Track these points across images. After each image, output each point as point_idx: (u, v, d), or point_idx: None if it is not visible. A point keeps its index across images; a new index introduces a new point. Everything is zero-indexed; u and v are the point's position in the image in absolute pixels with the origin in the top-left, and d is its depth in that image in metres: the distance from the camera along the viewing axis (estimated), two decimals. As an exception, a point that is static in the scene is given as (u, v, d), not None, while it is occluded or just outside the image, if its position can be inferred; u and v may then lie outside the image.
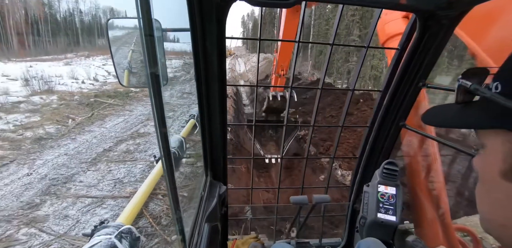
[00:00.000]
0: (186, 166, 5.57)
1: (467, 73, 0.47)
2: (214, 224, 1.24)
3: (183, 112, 9.74)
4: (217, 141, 1.25)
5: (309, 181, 6.57)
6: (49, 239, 3.47)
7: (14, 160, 5.62)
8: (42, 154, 6.02)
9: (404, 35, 1.26)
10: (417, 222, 1.48)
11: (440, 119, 0.55)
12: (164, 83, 0.77)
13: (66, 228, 3.69)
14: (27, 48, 41.02)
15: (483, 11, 1.18)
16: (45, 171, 5.24)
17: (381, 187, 1.45)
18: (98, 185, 4.82)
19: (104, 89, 14.50)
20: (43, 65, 19.83)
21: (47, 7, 51.79)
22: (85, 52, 37.20)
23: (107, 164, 5.67)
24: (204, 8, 0.90)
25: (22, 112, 9.20)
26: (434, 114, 0.55)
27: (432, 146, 1.47)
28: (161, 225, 3.85)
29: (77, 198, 4.39)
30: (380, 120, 1.43)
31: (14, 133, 7.19)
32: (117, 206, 4.22)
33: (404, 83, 1.31)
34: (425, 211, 1.43)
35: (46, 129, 7.64)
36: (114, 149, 6.51)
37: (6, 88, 12.18)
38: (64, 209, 4.10)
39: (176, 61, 19.06)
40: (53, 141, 6.89)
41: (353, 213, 1.71)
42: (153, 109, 0.64)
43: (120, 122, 8.76)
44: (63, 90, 13.25)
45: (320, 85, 1.46)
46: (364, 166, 1.58)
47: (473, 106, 0.44)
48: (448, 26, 1.09)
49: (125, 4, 64.11)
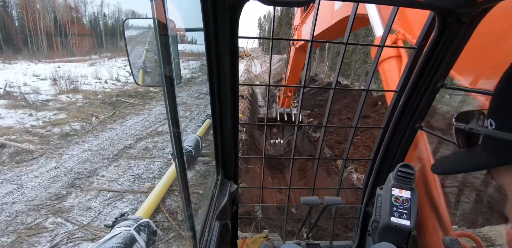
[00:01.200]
0: (202, 164, 5.68)
1: (459, 116, 0.49)
2: (224, 222, 1.26)
3: (199, 112, 9.94)
4: (229, 140, 1.26)
5: (324, 183, 6.46)
6: (74, 229, 3.68)
7: (43, 154, 6.01)
8: (68, 149, 6.38)
9: (422, 34, 1.22)
10: (419, 228, 1.44)
11: (450, 167, 0.55)
12: (178, 82, 0.79)
13: (89, 219, 3.89)
14: (55, 49, 43.56)
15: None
16: (70, 165, 5.55)
17: (395, 190, 1.41)
18: (119, 180, 5.03)
19: (125, 89, 15.11)
20: (70, 66, 21.04)
21: (74, 11, 54.74)
22: (108, 54, 38.97)
23: (127, 160, 5.91)
24: (217, 8, 0.91)
25: (51, 110, 9.80)
26: (443, 163, 0.57)
27: (425, 151, 1.43)
28: (177, 220, 3.95)
29: (99, 192, 4.61)
30: (395, 122, 1.39)
31: (43, 128, 7.67)
32: (136, 200, 4.39)
33: (421, 84, 1.27)
34: (427, 217, 1.39)
35: (72, 125, 8.09)
36: (134, 146, 6.77)
37: (36, 87, 13.04)
38: (87, 201, 4.32)
39: (194, 62, 19.46)
40: (78, 137, 7.28)
41: (365, 216, 1.68)
42: (166, 106, 0.67)
43: (140, 121, 9.09)
44: (87, 90, 13.96)
45: (333, 86, 1.44)
46: (377, 168, 1.54)
47: (477, 149, 0.45)
48: (468, 24, 1.04)
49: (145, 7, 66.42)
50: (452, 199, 3.51)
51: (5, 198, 4.32)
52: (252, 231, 3.77)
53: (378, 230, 1.43)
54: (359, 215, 1.72)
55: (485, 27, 1.04)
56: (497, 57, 1.10)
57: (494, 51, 1.14)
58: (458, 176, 3.56)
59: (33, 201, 4.26)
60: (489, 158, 0.41)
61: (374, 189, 1.55)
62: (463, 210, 3.43)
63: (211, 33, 0.95)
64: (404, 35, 1.82)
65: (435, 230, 1.32)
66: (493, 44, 1.14)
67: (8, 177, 4.98)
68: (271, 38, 1.25)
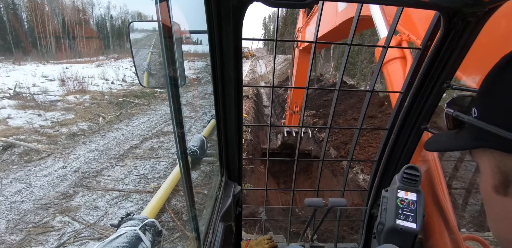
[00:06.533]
0: (207, 164, 5.71)
1: (451, 102, 0.56)
2: (228, 223, 1.26)
3: (205, 113, 9.99)
4: (233, 141, 1.26)
5: (329, 184, 6.43)
6: (80, 228, 3.74)
7: (51, 153, 6.12)
8: (76, 149, 6.49)
9: (427, 35, 1.20)
10: (424, 231, 1.42)
11: (439, 145, 0.64)
12: (182, 84, 0.80)
13: (96, 218, 3.95)
14: (63, 51, 44.35)
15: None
16: (78, 164, 5.64)
17: (400, 192, 1.39)
18: (125, 180, 5.09)
19: (132, 89, 15.29)
20: (77, 67, 21.38)
21: (82, 13, 55.66)
22: (115, 55, 39.49)
23: (133, 160, 5.97)
24: (221, 9, 0.92)
25: (59, 110, 9.98)
26: (434, 142, 0.65)
27: (431, 153, 1.41)
28: (182, 220, 3.98)
29: (105, 191, 4.67)
30: (401, 123, 1.37)
31: (51, 128, 7.82)
32: (142, 200, 4.43)
33: (427, 85, 1.25)
34: (433, 220, 1.37)
35: (80, 126, 8.23)
36: (140, 146, 6.85)
37: (45, 88, 13.30)
38: (94, 201, 4.39)
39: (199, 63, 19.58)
40: (85, 137, 7.40)
41: (370, 218, 1.66)
42: (171, 107, 0.67)
43: (146, 121, 9.19)
44: (94, 90, 14.16)
45: (338, 87, 1.44)
46: (383, 169, 1.53)
47: (463, 131, 0.52)
48: (474, 24, 1.02)
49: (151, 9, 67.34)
50: (460, 201, 3.46)
51: (14, 196, 4.42)
52: (256, 233, 3.77)
53: (383, 233, 1.41)
54: (364, 217, 1.70)
55: (491, 27, 1.03)
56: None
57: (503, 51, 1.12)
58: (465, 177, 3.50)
59: (41, 200, 4.35)
60: (470, 141, 0.46)
61: (379, 190, 1.53)
62: (471, 213, 3.37)
63: (215, 35, 0.95)
64: (408, 36, 1.80)
65: (442, 233, 1.30)
66: (501, 44, 1.12)
67: (17, 176, 5.09)
68: (275, 40, 1.25)
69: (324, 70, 29.01)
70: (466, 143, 0.49)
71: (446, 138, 0.58)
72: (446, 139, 0.57)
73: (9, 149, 6.12)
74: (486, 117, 0.41)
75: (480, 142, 0.43)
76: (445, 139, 0.58)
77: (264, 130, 9.88)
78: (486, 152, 0.42)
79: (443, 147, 0.62)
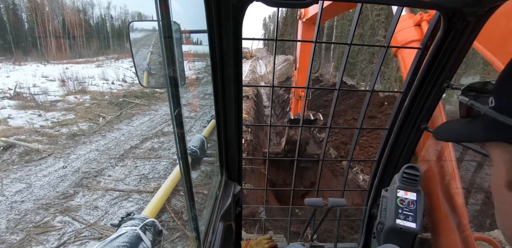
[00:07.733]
0: (208, 164, 5.71)
1: (467, 88, 0.51)
2: (228, 223, 1.26)
3: (205, 113, 9.99)
4: (233, 141, 1.26)
5: (329, 184, 6.43)
6: (81, 227, 3.74)
7: (51, 153, 6.12)
8: (76, 149, 6.50)
9: (427, 34, 1.20)
10: (434, 231, 1.41)
11: (449, 135, 0.59)
12: (182, 84, 0.80)
13: (96, 218, 3.95)
14: (64, 51, 44.39)
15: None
16: (78, 164, 5.65)
17: (400, 192, 1.39)
18: (125, 180, 5.09)
19: (132, 90, 15.30)
20: (78, 67, 21.39)
21: (82, 13, 55.70)
22: (115, 55, 39.52)
23: (134, 160, 5.98)
24: (221, 9, 0.92)
25: (59, 110, 9.98)
26: (444, 131, 0.60)
27: (447, 150, 1.39)
28: (182, 220, 3.98)
29: (106, 191, 4.68)
30: (401, 123, 1.38)
31: (51, 129, 7.82)
32: (142, 200, 4.44)
33: (427, 84, 1.25)
34: (443, 219, 1.35)
35: (80, 126, 8.23)
36: (140, 146, 6.85)
37: (45, 88, 13.30)
38: (94, 200, 4.39)
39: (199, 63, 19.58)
40: (85, 137, 7.40)
41: (370, 218, 1.66)
42: (170, 108, 0.67)
43: (146, 121, 9.19)
44: (95, 91, 14.17)
45: (338, 87, 1.44)
46: (382, 169, 1.53)
47: (477, 120, 0.47)
48: (474, 24, 1.03)
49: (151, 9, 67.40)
50: (466, 200, 3.45)
51: (15, 196, 4.42)
52: (256, 232, 3.77)
53: (383, 232, 1.42)
54: (364, 217, 1.70)
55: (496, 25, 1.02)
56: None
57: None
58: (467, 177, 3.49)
59: (41, 200, 4.35)
60: (484, 132, 0.43)
61: (379, 190, 1.53)
62: (471, 212, 3.36)
63: (215, 35, 0.95)
64: (429, 15, 1.70)
65: (453, 231, 1.28)
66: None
67: (17, 176, 5.09)
68: (275, 40, 1.25)
69: (324, 71, 28.99)
70: (479, 134, 0.46)
71: (457, 127, 0.53)
72: (458, 128, 0.53)
73: (9, 149, 6.13)
74: (504, 109, 0.38)
75: (495, 133, 0.40)
76: (456, 127, 0.54)
77: (264, 130, 9.88)
78: (500, 145, 0.40)
79: (454, 137, 0.58)
